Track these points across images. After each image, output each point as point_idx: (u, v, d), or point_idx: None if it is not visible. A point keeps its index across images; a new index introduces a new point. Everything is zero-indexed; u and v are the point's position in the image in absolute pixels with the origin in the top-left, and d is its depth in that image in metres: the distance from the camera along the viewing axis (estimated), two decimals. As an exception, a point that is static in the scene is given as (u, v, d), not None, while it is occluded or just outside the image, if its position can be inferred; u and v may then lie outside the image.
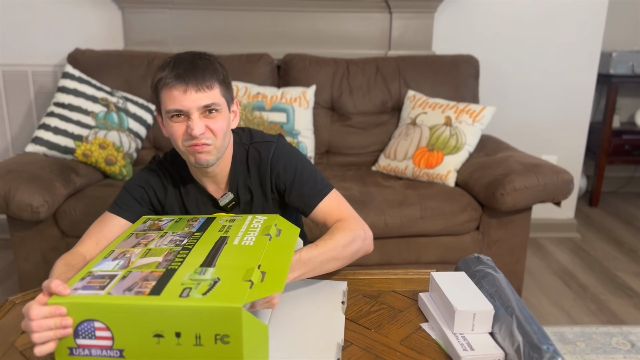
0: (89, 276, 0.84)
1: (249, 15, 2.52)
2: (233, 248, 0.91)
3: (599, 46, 2.68)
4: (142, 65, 2.32)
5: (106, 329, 0.76)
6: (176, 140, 1.10)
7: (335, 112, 2.40)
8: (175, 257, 0.88)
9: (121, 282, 0.80)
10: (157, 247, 0.94)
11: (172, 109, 1.06)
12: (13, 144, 2.64)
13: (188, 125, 1.07)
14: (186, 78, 1.05)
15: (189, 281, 0.78)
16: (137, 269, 0.84)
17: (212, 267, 0.83)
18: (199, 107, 1.06)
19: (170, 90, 1.06)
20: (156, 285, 0.78)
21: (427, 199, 1.93)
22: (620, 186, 3.67)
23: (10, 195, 1.72)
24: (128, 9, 2.48)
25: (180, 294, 0.75)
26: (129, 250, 0.93)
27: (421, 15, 2.55)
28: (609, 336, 1.95)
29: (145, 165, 1.27)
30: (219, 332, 0.72)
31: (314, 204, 1.19)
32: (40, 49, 2.53)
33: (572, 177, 1.90)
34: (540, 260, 2.63)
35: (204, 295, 0.74)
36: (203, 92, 1.06)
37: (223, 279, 0.78)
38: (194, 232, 1.00)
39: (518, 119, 2.76)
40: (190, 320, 0.72)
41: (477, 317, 0.88)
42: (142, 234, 1.02)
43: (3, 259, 2.51)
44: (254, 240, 0.94)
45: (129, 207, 1.19)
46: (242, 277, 0.79)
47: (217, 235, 0.97)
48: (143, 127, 2.23)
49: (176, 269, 0.83)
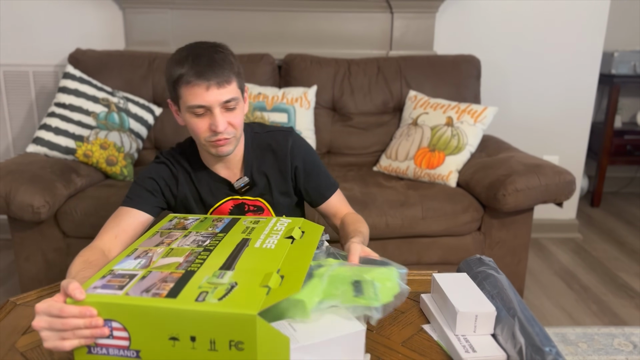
0: (109, 274, 0.84)
1: (250, 15, 2.52)
2: (254, 251, 0.90)
3: (601, 46, 2.68)
4: (143, 65, 2.32)
5: (123, 330, 0.76)
6: (198, 134, 1.15)
7: (337, 113, 2.40)
8: (196, 259, 0.87)
9: (140, 283, 0.80)
10: (179, 247, 0.93)
11: (195, 104, 1.11)
12: (14, 144, 2.64)
13: (212, 122, 1.12)
14: (208, 75, 1.09)
15: (207, 284, 0.78)
16: (158, 269, 0.84)
17: (231, 270, 0.82)
18: (220, 102, 1.11)
19: (192, 87, 1.10)
20: (174, 288, 0.77)
21: (429, 199, 1.92)
22: (622, 186, 3.66)
23: (11, 196, 1.72)
24: (129, 9, 2.48)
25: (197, 297, 0.74)
26: (151, 249, 0.93)
27: (423, 15, 2.55)
28: (611, 337, 1.94)
29: (152, 161, 1.30)
30: (234, 339, 0.71)
31: (328, 195, 1.32)
32: (41, 49, 2.53)
33: (574, 178, 1.89)
34: (541, 260, 2.63)
35: (219, 300, 0.73)
36: (224, 88, 1.11)
37: (240, 284, 0.77)
38: (217, 232, 0.99)
39: (519, 119, 2.75)
40: (205, 324, 0.72)
41: (479, 319, 0.87)
42: (166, 232, 1.02)
43: (4, 259, 2.51)
44: (276, 243, 0.93)
45: (142, 198, 1.22)
46: (260, 282, 0.77)
47: (239, 237, 0.96)
48: (144, 128, 2.23)
49: (195, 270, 0.83)
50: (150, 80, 2.31)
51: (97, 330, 0.76)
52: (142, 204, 1.21)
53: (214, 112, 1.12)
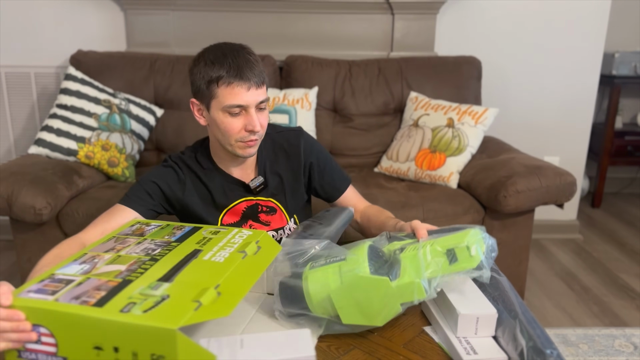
0: (48, 279, 0.83)
1: (252, 17, 2.53)
2: (200, 264, 0.87)
3: (602, 47, 2.68)
4: (145, 66, 2.32)
5: (51, 336, 0.75)
6: (230, 134, 1.16)
7: (338, 114, 2.40)
8: (139, 268, 0.85)
9: (74, 289, 0.79)
10: (127, 254, 0.91)
11: (234, 104, 1.13)
12: (16, 145, 2.64)
13: (248, 122, 1.15)
14: (248, 76, 1.13)
15: (138, 295, 0.76)
16: (96, 277, 0.83)
17: (168, 282, 0.80)
18: (257, 102, 1.15)
19: (233, 87, 1.12)
20: (104, 296, 0.76)
21: (430, 200, 1.93)
22: (622, 187, 3.67)
23: (13, 198, 1.73)
24: (130, 10, 2.48)
25: (123, 308, 0.72)
26: (99, 255, 0.92)
27: (423, 17, 2.55)
28: (612, 338, 1.94)
29: (159, 164, 1.30)
30: (155, 352, 0.70)
31: (343, 189, 1.36)
32: (42, 51, 2.54)
33: (574, 179, 1.90)
34: (542, 261, 2.63)
35: (144, 313, 0.71)
36: (260, 89, 1.16)
37: (172, 297, 0.75)
38: (172, 241, 0.97)
39: (520, 120, 2.75)
40: (127, 336, 0.71)
41: (481, 321, 0.87)
42: (122, 238, 1.00)
43: (6, 260, 2.52)
44: (227, 257, 0.89)
45: (140, 199, 1.22)
46: (194, 296, 0.75)
47: (191, 247, 0.94)
48: (145, 129, 2.24)
49: (133, 280, 0.81)
50: (152, 82, 2.31)
51: (24, 334, 0.75)
52: (138, 204, 1.21)
53: (250, 112, 1.14)
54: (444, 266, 0.87)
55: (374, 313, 0.88)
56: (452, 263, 0.87)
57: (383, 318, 0.88)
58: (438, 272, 0.87)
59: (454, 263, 0.87)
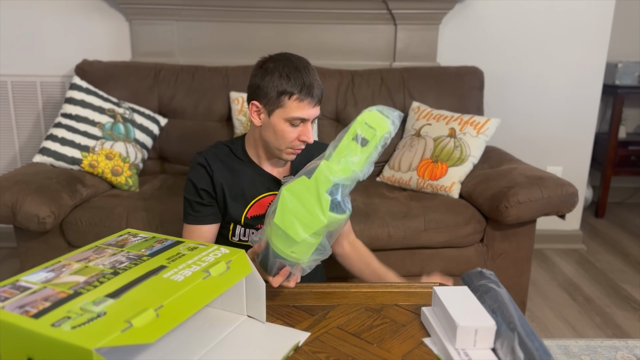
0: (9, 285, 0.84)
1: (255, 27, 2.55)
2: (157, 281, 0.84)
3: (605, 57, 2.69)
4: (149, 76, 2.34)
5: None
6: (286, 141, 1.27)
7: (340, 123, 2.41)
8: (96, 281, 0.84)
9: (24, 298, 0.79)
10: (94, 265, 0.91)
11: (299, 117, 1.24)
12: (21, 154, 2.66)
13: (303, 134, 1.26)
14: (317, 94, 1.25)
15: (77, 310, 0.75)
16: (52, 286, 0.83)
17: (114, 298, 0.78)
18: (315, 117, 1.28)
19: (302, 103, 1.24)
20: (46, 308, 0.76)
21: (431, 210, 1.93)
22: (626, 197, 3.66)
23: (17, 206, 1.74)
24: (135, 20, 2.51)
25: (55, 322, 0.72)
26: (70, 264, 0.91)
27: (426, 27, 2.57)
28: (614, 350, 1.93)
29: (191, 166, 1.37)
30: None
31: None
32: (48, 60, 2.57)
33: (576, 190, 1.89)
34: (545, 272, 2.62)
35: (72, 329, 0.71)
36: (319, 106, 1.29)
37: (109, 315, 0.74)
38: (145, 255, 0.95)
39: (523, 130, 2.76)
40: (52, 351, 0.71)
41: (479, 333, 0.88)
42: (103, 248, 0.99)
43: (10, 267, 2.53)
44: (188, 276, 0.86)
45: (201, 213, 1.34)
46: (129, 316, 0.73)
47: (158, 263, 0.91)
48: (149, 138, 2.25)
49: (82, 293, 0.80)
50: (156, 91, 2.33)
51: None
52: (204, 218, 1.34)
53: (307, 125, 1.26)
54: (362, 149, 0.95)
55: (313, 214, 0.98)
56: (365, 145, 0.95)
57: (322, 212, 0.98)
58: (356, 153, 0.97)
59: (366, 144, 0.95)
